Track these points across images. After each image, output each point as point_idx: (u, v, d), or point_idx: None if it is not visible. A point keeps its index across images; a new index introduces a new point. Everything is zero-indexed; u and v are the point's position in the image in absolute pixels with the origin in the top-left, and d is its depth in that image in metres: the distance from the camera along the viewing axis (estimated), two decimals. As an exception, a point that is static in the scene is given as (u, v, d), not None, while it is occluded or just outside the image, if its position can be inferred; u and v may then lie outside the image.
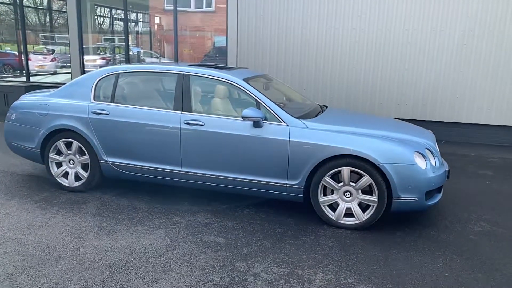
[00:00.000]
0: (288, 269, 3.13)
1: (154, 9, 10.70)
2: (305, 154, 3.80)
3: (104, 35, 11.34)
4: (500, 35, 7.06)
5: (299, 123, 3.92)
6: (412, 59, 7.52)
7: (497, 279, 3.07)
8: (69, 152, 4.52)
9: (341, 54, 7.85)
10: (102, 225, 3.79)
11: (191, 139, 4.10)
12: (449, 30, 7.26)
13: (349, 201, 3.82)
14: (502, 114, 7.29)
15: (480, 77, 7.27)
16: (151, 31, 10.91)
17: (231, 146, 3.99)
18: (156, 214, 4.07)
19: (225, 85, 4.26)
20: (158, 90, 4.50)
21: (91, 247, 3.36)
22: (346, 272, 3.11)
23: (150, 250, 3.35)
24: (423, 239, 3.70)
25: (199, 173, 4.15)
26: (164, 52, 10.93)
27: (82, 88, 4.51)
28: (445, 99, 7.49)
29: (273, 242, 3.57)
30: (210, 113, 4.17)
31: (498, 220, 4.14)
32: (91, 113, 4.37)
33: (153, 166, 4.26)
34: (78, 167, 4.55)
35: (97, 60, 10.90)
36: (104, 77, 4.47)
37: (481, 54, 7.20)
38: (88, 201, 4.35)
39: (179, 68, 4.30)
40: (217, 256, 3.29)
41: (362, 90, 7.86)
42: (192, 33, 10.14)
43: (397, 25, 7.47)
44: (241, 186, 4.06)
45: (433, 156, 3.89)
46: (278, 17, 8.03)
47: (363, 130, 3.93)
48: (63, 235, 3.56)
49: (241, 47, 8.33)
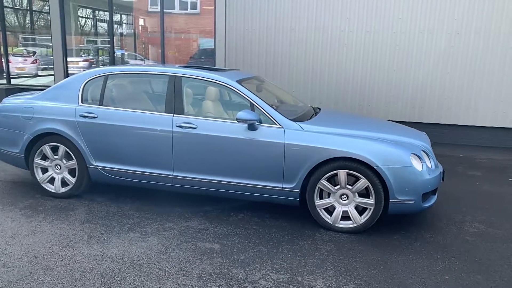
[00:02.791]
0: (288, 276, 3.05)
1: (138, 11, 10.52)
2: (301, 157, 3.73)
3: (87, 37, 11.09)
4: (486, 37, 7.16)
5: (294, 125, 3.85)
6: (400, 60, 7.56)
7: (496, 281, 3.05)
8: (56, 156, 4.36)
9: (330, 56, 7.83)
10: (92, 232, 3.65)
11: (183, 142, 3.99)
12: (436, 32, 7.32)
13: (346, 204, 3.77)
14: (488, 115, 7.38)
15: (467, 79, 7.35)
16: (135, 33, 10.73)
17: (225, 149, 3.90)
18: (148, 220, 3.94)
19: (218, 87, 4.17)
20: (149, 92, 4.38)
21: (81, 256, 3.22)
22: (346, 278, 3.05)
23: (143, 258, 3.23)
24: (420, 241, 3.67)
25: (191, 178, 4.04)
26: (149, 54, 10.77)
27: (68, 91, 4.35)
28: (433, 100, 7.55)
29: (270, 247, 3.49)
30: (203, 115, 4.06)
31: (492, 221, 4.16)
32: (78, 116, 4.22)
33: (144, 170, 4.13)
34: (65, 172, 4.38)
35: (80, 62, 10.66)
36: (92, 79, 4.32)
37: (468, 56, 7.28)
38: (76, 208, 4.19)
39: (170, 70, 4.19)
40: (213, 264, 3.19)
41: (351, 91, 7.86)
42: (177, 35, 10.00)
43: (385, 27, 7.50)
44: (236, 191, 3.96)
45: (429, 158, 3.88)
46: (267, 19, 7.97)
47: (359, 132, 3.89)
48: (50, 244, 3.40)
49: (229, 49, 8.24)
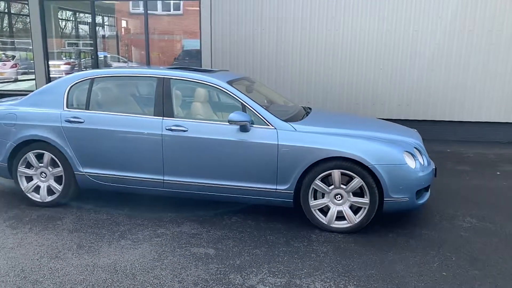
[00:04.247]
0: (285, 279, 2.99)
1: (120, 13, 10.35)
2: (294, 158, 3.68)
3: (69, 40, 10.86)
4: (470, 34, 7.24)
5: (287, 126, 3.80)
6: (387, 59, 7.59)
7: (493, 275, 3.06)
8: (41, 164, 4.21)
9: (317, 55, 7.82)
10: (81, 242, 3.53)
11: (174, 146, 3.90)
12: (422, 30, 7.37)
13: (340, 204, 3.74)
14: (473, 110, 7.48)
15: (452, 76, 7.43)
16: (117, 35, 10.55)
17: (217, 152, 3.82)
18: (139, 227, 3.84)
19: (209, 89, 4.09)
20: (137, 95, 4.27)
21: (71, 268, 3.11)
22: (344, 279, 3.01)
23: (136, 267, 3.13)
24: (416, 238, 3.67)
25: (183, 182, 3.95)
26: (132, 56, 10.60)
27: (53, 96, 4.21)
28: (419, 98, 7.60)
29: (266, 250, 3.43)
30: (193, 118, 3.98)
31: (484, 215, 4.18)
32: (64, 121, 4.09)
33: (134, 175, 4.03)
34: (50, 180, 4.24)
35: (61, 66, 10.43)
36: (77, 82, 4.19)
37: (452, 53, 7.35)
38: (63, 217, 4.06)
39: (158, 72, 4.09)
40: (209, 269, 3.12)
41: (339, 90, 7.86)
42: (161, 37, 9.87)
43: (371, 26, 7.53)
44: (229, 193, 3.90)
45: (421, 155, 3.88)
46: (253, 18, 7.91)
47: (352, 132, 3.87)
48: (38, 256, 3.28)
49: (215, 50, 8.16)
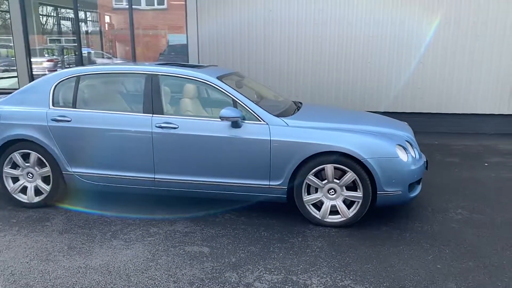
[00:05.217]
0: (282, 276, 2.98)
1: (103, 8, 10.14)
2: (287, 153, 3.66)
3: (51, 36, 10.60)
4: (455, 26, 7.29)
5: (279, 121, 3.77)
6: (374, 52, 7.61)
7: (487, 267, 3.09)
8: (27, 164, 4.10)
9: (305, 49, 7.79)
10: (72, 243, 3.45)
11: (164, 143, 3.83)
12: (408, 22, 7.40)
13: (334, 198, 3.73)
14: (459, 102, 7.56)
15: (439, 68, 7.48)
16: (101, 31, 10.35)
17: (209, 148, 3.77)
18: (131, 226, 3.77)
19: (198, 84, 4.02)
20: (125, 93, 4.18)
21: (62, 270, 3.03)
22: (341, 274, 3.01)
23: (130, 267, 3.07)
24: (409, 231, 3.69)
25: (174, 180, 3.89)
26: (116, 52, 10.42)
27: (38, 94, 4.09)
28: (406, 90, 7.65)
29: (261, 247, 3.40)
30: (183, 114, 3.92)
31: (474, 207, 4.23)
32: (50, 120, 3.98)
33: (124, 174, 3.95)
34: (38, 180, 4.13)
35: (44, 63, 10.19)
36: (63, 80, 4.07)
37: (439, 45, 7.40)
38: (52, 218, 3.96)
39: (147, 68, 4.01)
40: (204, 268, 3.08)
41: (327, 84, 7.85)
42: (145, 32, 9.71)
43: (358, 18, 7.52)
44: (221, 191, 3.85)
45: (413, 148, 3.89)
46: (240, 12, 7.83)
47: (344, 126, 3.86)
48: (28, 259, 3.19)
49: (202, 44, 8.06)
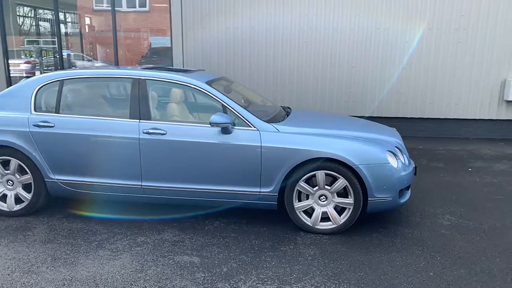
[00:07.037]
0: (275, 285, 2.92)
1: (83, 9, 9.94)
2: (278, 160, 3.61)
3: (29, 37, 10.31)
4: (438, 33, 7.41)
5: (269, 127, 3.72)
6: (359, 57, 7.66)
7: (478, 274, 3.11)
8: (7, 171, 3.93)
9: (290, 53, 7.78)
10: (56, 254, 3.31)
11: (152, 150, 3.74)
12: (392, 28, 7.48)
13: (325, 205, 3.70)
14: (442, 108, 7.68)
15: (422, 74, 7.59)
16: (81, 33, 10.13)
17: (198, 155, 3.69)
18: (118, 235, 3.65)
19: (187, 90, 3.95)
20: (111, 97, 4.06)
21: (46, 282, 2.90)
22: (334, 282, 2.97)
23: (118, 279, 2.97)
24: (400, 238, 3.69)
25: (162, 187, 3.79)
26: (97, 55, 10.21)
27: (18, 99, 3.93)
28: (391, 95, 7.72)
29: (252, 256, 3.34)
30: (171, 120, 3.83)
31: (462, 213, 4.27)
32: (32, 126, 3.83)
33: (110, 182, 3.83)
34: (18, 188, 3.97)
35: (21, 65, 9.91)
36: (45, 84, 3.93)
37: (422, 51, 7.51)
38: (34, 227, 3.81)
39: (134, 72, 3.90)
40: (195, 279, 2.99)
41: (312, 89, 7.86)
42: (127, 34, 9.56)
43: (343, 24, 7.56)
44: (211, 198, 3.78)
45: (402, 154, 3.90)
46: (225, 16, 7.78)
47: (334, 132, 3.84)
48: (9, 271, 3.04)
49: (187, 47, 7.95)
